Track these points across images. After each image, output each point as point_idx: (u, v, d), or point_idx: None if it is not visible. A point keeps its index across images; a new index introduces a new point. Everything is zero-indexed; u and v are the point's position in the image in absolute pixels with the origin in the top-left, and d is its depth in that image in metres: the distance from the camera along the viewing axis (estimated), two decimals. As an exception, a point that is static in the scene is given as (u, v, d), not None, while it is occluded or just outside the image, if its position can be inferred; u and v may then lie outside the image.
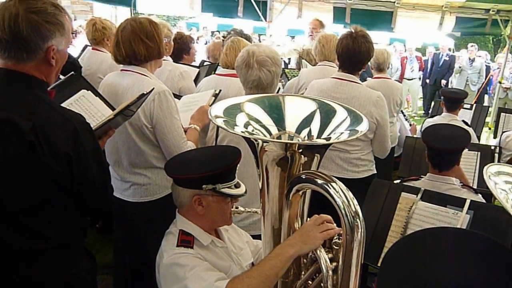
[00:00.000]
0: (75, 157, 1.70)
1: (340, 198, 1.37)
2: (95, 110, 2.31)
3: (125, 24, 2.55)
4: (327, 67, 4.17)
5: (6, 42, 1.65)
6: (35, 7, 1.66)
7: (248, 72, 2.51)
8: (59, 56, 1.76)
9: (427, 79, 13.40)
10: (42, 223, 1.76)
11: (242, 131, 1.58)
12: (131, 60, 2.56)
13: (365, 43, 3.24)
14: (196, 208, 1.90)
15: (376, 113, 3.23)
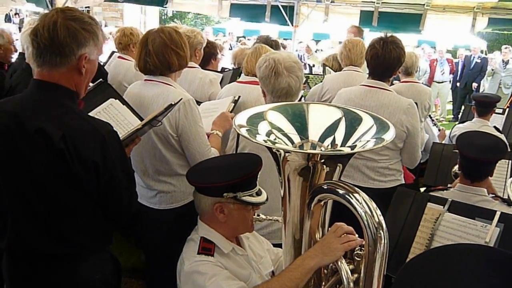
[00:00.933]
0: (102, 165, 1.75)
1: (362, 209, 1.34)
2: (122, 118, 2.35)
3: (154, 36, 2.56)
4: (352, 71, 4.12)
5: (44, 46, 1.72)
6: (74, 15, 1.75)
7: (278, 79, 2.47)
8: (89, 66, 1.82)
9: (457, 82, 13.04)
10: (70, 229, 1.82)
11: (265, 140, 1.57)
12: (163, 71, 2.59)
13: (395, 49, 3.15)
14: (218, 215, 1.91)
15: (407, 121, 3.12)
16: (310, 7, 7.61)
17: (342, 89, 3.47)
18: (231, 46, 15.89)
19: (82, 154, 1.71)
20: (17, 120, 1.73)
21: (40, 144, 1.70)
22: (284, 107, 1.75)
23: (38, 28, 1.72)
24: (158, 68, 2.58)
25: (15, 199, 1.79)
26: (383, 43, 3.17)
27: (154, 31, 2.62)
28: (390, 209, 2.36)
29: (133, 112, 2.43)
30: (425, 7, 7.18)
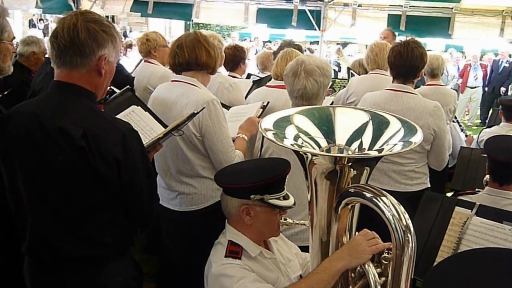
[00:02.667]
0: (124, 162, 1.75)
1: (390, 212, 1.34)
2: (144, 124, 2.39)
3: (188, 33, 2.71)
4: (379, 75, 4.10)
5: (64, 47, 1.73)
6: (93, 17, 1.78)
7: (295, 80, 2.51)
8: (108, 67, 1.83)
9: (485, 87, 12.84)
10: (93, 229, 1.82)
11: (292, 144, 1.58)
12: (191, 65, 2.64)
13: (417, 48, 3.17)
14: (244, 218, 1.92)
15: (434, 124, 3.12)
16: (337, 11, 7.60)
17: (366, 94, 3.48)
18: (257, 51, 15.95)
19: (103, 150, 1.71)
20: (37, 121, 1.74)
21: (60, 143, 1.70)
22: (311, 111, 1.76)
23: (58, 30, 1.74)
24: (186, 61, 2.63)
25: (36, 201, 1.79)
26: (404, 43, 3.21)
27: (189, 31, 2.73)
28: (418, 213, 2.35)
29: (156, 119, 2.47)
30: (453, 11, 7.09)
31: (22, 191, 1.80)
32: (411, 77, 3.26)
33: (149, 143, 2.13)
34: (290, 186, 2.32)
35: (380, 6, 7.53)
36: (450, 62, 12.98)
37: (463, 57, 14.64)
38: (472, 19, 7.17)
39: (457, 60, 14.12)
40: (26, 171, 1.78)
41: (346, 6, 7.52)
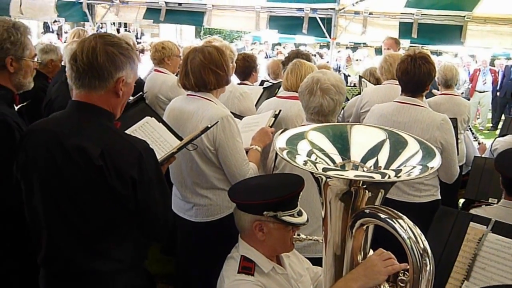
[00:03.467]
0: (139, 180, 1.78)
1: (407, 235, 1.33)
2: (158, 135, 2.41)
3: (194, 55, 2.64)
4: (394, 85, 4.07)
5: (83, 70, 1.78)
6: (112, 40, 1.82)
7: (310, 98, 2.54)
8: (125, 89, 1.87)
9: (497, 92, 12.89)
10: (108, 245, 1.85)
11: (305, 161, 1.58)
12: (200, 89, 2.64)
13: (425, 64, 3.15)
14: (257, 234, 1.93)
15: (441, 137, 3.10)
16: (348, 19, 7.57)
17: (375, 105, 3.49)
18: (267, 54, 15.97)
19: (120, 169, 1.75)
20: (57, 139, 1.78)
21: (79, 161, 1.75)
22: (325, 128, 1.75)
23: (77, 53, 1.78)
24: (195, 86, 2.64)
25: (53, 216, 1.83)
26: (411, 60, 3.18)
27: (195, 50, 2.68)
28: (432, 227, 2.33)
29: (169, 130, 2.48)
30: (466, 19, 7.04)
31: (39, 206, 1.84)
32: (419, 91, 3.25)
33: (164, 157, 2.16)
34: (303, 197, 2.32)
35: (391, 14, 7.49)
36: (460, 66, 12.96)
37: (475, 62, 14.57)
38: (485, 27, 7.11)
39: (468, 65, 14.11)
40: (44, 187, 1.82)
41: (357, 14, 7.50)
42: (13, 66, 2.24)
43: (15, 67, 2.25)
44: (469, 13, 6.99)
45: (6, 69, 2.23)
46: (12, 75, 2.26)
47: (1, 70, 2.23)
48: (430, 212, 2.55)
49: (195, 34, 25.18)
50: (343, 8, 7.47)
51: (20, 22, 2.32)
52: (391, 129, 1.68)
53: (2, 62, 2.21)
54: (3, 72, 2.24)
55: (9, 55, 2.21)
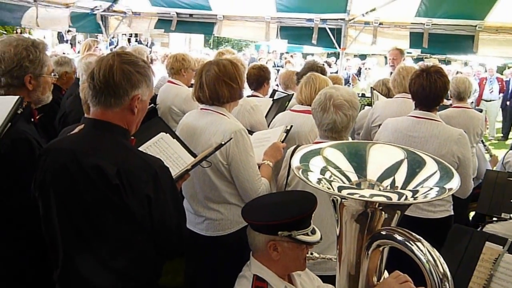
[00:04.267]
0: (154, 199, 1.80)
1: (425, 258, 1.31)
2: (172, 152, 2.42)
3: (209, 67, 2.67)
4: (406, 99, 4.05)
5: (99, 88, 1.81)
6: (129, 59, 1.85)
7: (324, 115, 2.53)
8: (141, 106, 1.90)
9: (507, 101, 12.77)
10: (124, 263, 1.85)
11: (319, 179, 1.57)
12: (214, 102, 2.66)
13: (440, 78, 3.14)
14: (271, 253, 1.92)
15: (458, 152, 3.08)
16: (357, 29, 7.56)
17: (388, 119, 3.45)
18: (274, 63, 16.01)
19: (135, 188, 1.77)
20: (74, 158, 1.80)
21: (96, 180, 1.76)
22: (341, 146, 1.75)
23: (95, 72, 1.82)
24: (209, 99, 2.65)
25: (69, 233, 1.84)
26: (426, 75, 3.16)
27: (210, 62, 2.70)
28: (446, 246, 2.31)
29: (184, 146, 2.49)
30: (477, 29, 7.01)
31: (55, 224, 1.85)
32: (435, 105, 3.23)
33: (178, 174, 2.18)
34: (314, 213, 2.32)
35: (401, 24, 7.47)
36: (471, 75, 12.89)
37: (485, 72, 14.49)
38: (497, 37, 7.07)
39: (478, 74, 14.02)
40: (61, 205, 1.84)
41: (367, 24, 7.49)
42: (32, 84, 2.27)
43: (33, 84, 2.27)
44: (480, 23, 6.95)
45: (25, 87, 2.26)
46: (30, 92, 2.29)
47: (21, 87, 2.25)
48: (444, 228, 2.54)
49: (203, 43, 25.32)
50: (353, 19, 7.46)
51: (39, 40, 2.36)
52: (409, 148, 1.67)
53: (21, 80, 2.23)
54: (23, 89, 2.25)
55: (28, 73, 2.24)
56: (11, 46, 2.20)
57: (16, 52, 2.19)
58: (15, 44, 2.21)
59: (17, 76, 2.22)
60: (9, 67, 2.19)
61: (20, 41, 2.23)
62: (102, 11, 8.47)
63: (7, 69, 2.19)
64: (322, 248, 2.36)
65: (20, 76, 2.22)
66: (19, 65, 2.20)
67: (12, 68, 2.19)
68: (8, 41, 2.22)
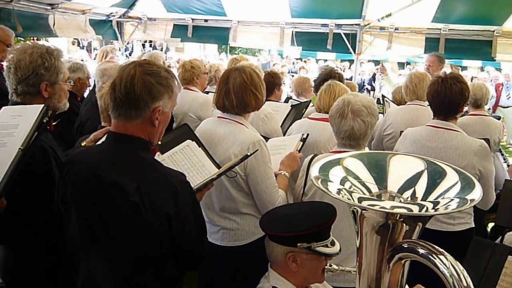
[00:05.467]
0: (175, 216, 1.77)
1: (449, 272, 1.29)
2: (197, 160, 2.40)
3: (235, 75, 2.62)
4: (418, 106, 4.02)
5: (120, 100, 1.78)
6: (151, 70, 1.81)
7: (342, 122, 2.50)
8: (162, 118, 1.87)
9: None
10: (144, 278, 1.84)
11: (339, 189, 1.55)
12: (239, 110, 2.64)
13: (456, 84, 3.05)
14: (290, 265, 1.90)
15: (479, 164, 2.99)
16: (373, 34, 7.54)
17: (407, 130, 3.38)
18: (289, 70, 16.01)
19: (155, 206, 1.74)
20: (94, 172, 1.79)
21: (115, 196, 1.75)
22: (361, 156, 1.72)
23: (116, 83, 1.79)
24: (234, 107, 2.63)
25: (89, 246, 1.84)
26: (442, 80, 3.09)
27: (236, 69, 2.67)
28: (467, 260, 2.26)
29: (208, 155, 2.48)
30: (495, 34, 6.92)
31: (77, 237, 1.86)
32: (453, 113, 3.15)
33: (202, 183, 2.16)
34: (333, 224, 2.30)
35: (417, 29, 7.43)
36: (487, 81, 12.74)
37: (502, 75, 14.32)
38: (515, 42, 6.99)
39: (495, 79, 13.83)
40: (82, 218, 1.84)
41: (383, 29, 7.46)
42: (48, 91, 2.28)
43: (49, 92, 2.28)
44: (498, 28, 6.87)
45: (41, 94, 2.26)
46: (46, 99, 2.29)
47: (37, 95, 2.26)
48: (464, 241, 2.48)
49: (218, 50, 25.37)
50: (368, 24, 7.43)
51: (54, 47, 2.35)
52: (429, 158, 1.65)
53: (37, 88, 2.24)
54: (38, 97, 2.27)
55: (44, 81, 2.24)
56: (26, 54, 2.21)
57: (31, 60, 2.20)
58: (30, 51, 2.21)
59: (33, 84, 2.23)
60: (25, 75, 2.20)
61: (35, 49, 2.23)
62: (118, 18, 8.54)
63: (23, 77, 2.20)
64: (341, 259, 2.33)
65: (36, 84, 2.23)
66: (34, 72, 2.21)
67: (28, 76, 2.20)
68: (23, 49, 2.23)
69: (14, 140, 1.92)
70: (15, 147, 1.89)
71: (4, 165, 1.86)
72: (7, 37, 4.52)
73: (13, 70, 2.20)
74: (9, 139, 1.93)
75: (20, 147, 1.89)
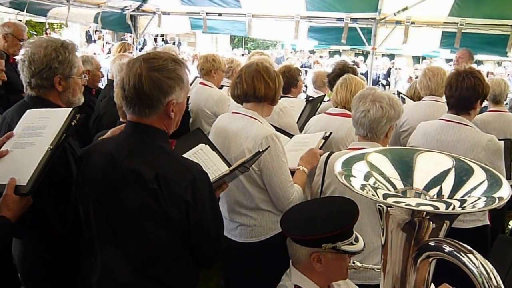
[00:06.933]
0: (192, 205, 1.76)
1: (478, 270, 1.26)
2: (211, 163, 2.41)
3: (251, 64, 2.69)
4: (433, 101, 3.97)
5: (131, 99, 1.77)
6: (157, 65, 1.76)
7: (360, 103, 2.48)
8: (178, 108, 1.85)
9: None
10: (162, 270, 1.83)
11: (363, 184, 1.52)
12: (249, 96, 2.63)
13: (470, 78, 3.01)
14: (315, 265, 1.88)
15: (486, 159, 2.91)
16: (388, 28, 7.45)
17: (421, 123, 3.36)
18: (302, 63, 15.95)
19: (174, 193, 1.73)
20: (113, 161, 1.79)
21: (134, 184, 1.74)
22: (385, 152, 1.70)
23: (124, 82, 1.77)
24: (244, 93, 2.64)
25: (106, 236, 1.84)
26: (457, 74, 3.07)
27: (255, 61, 2.72)
28: (491, 258, 2.24)
29: (222, 158, 2.48)
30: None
31: (94, 227, 1.86)
32: (464, 109, 3.09)
33: (215, 179, 2.13)
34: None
35: (434, 23, 7.33)
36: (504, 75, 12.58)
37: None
38: (533, 37, 6.86)
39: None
40: (99, 209, 1.83)
41: (399, 23, 7.36)
42: (62, 85, 2.27)
43: (63, 85, 2.28)
44: (517, 21, 6.76)
45: (54, 88, 2.27)
46: (61, 93, 2.30)
47: (51, 88, 2.26)
48: (478, 239, 2.44)
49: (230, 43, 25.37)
50: (384, 18, 7.34)
51: (69, 41, 2.35)
52: (457, 156, 1.61)
53: (51, 82, 2.24)
54: (53, 91, 2.27)
55: (57, 75, 2.24)
56: (41, 47, 2.21)
57: (45, 53, 2.20)
58: (44, 45, 2.21)
59: (46, 77, 2.23)
60: (38, 68, 2.20)
61: (49, 42, 2.23)
62: (131, 11, 8.53)
63: (37, 70, 2.20)
64: (362, 257, 2.30)
65: (49, 78, 2.23)
66: (48, 66, 2.21)
67: (41, 70, 2.20)
68: (38, 43, 2.23)
69: (42, 140, 1.91)
70: (44, 146, 1.89)
71: (33, 163, 1.85)
72: (20, 32, 4.57)
73: (27, 63, 2.21)
74: (37, 139, 1.93)
75: (49, 146, 1.89)
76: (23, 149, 1.92)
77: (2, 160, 1.91)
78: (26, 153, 1.90)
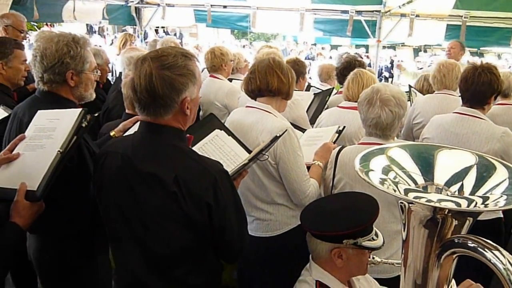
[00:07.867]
0: (215, 207, 1.73)
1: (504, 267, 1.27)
2: (228, 149, 2.37)
3: (264, 59, 2.68)
4: (447, 95, 3.98)
5: (145, 102, 1.72)
6: (167, 63, 1.70)
7: (369, 109, 2.47)
8: (192, 104, 1.80)
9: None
10: (184, 271, 1.82)
11: (382, 179, 1.52)
12: (262, 91, 2.63)
13: (486, 74, 3.04)
14: (336, 261, 1.89)
15: (501, 150, 2.96)
16: (394, 20, 7.44)
17: (435, 116, 3.38)
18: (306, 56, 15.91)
19: (194, 195, 1.69)
20: (130, 163, 1.76)
21: (153, 187, 1.71)
22: (404, 146, 1.70)
23: (135, 84, 1.71)
24: (257, 88, 2.63)
25: (128, 240, 1.82)
26: (473, 69, 3.10)
27: (265, 57, 2.71)
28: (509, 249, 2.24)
29: (239, 143, 2.44)
30: (518, 20, 6.81)
31: (115, 226, 1.85)
32: (479, 103, 3.12)
33: (235, 170, 2.11)
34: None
35: (438, 16, 7.32)
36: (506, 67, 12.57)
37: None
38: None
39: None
40: (119, 209, 1.82)
41: (404, 16, 7.35)
42: (74, 80, 2.26)
43: (75, 81, 2.26)
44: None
45: (67, 83, 2.25)
46: (73, 88, 2.28)
47: (63, 84, 2.25)
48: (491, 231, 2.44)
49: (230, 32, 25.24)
50: (389, 10, 7.33)
51: (80, 35, 2.33)
52: (479, 153, 1.61)
53: (63, 77, 2.23)
54: (65, 86, 2.26)
55: (70, 70, 2.22)
56: (52, 42, 2.19)
57: (57, 48, 2.18)
58: (56, 40, 2.20)
59: (58, 73, 2.21)
60: (51, 63, 2.19)
61: (61, 37, 2.21)
62: (136, 3, 8.50)
63: (49, 65, 2.19)
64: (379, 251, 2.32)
65: (61, 73, 2.21)
66: (60, 61, 2.19)
67: (54, 65, 2.19)
68: (49, 38, 2.21)
69: (53, 142, 1.88)
70: (54, 149, 1.85)
71: (43, 167, 1.82)
72: (19, 23, 4.54)
73: (39, 58, 2.19)
74: (47, 141, 1.90)
75: (59, 149, 1.85)
76: (34, 152, 1.89)
77: (13, 164, 1.88)
78: (37, 157, 1.87)
